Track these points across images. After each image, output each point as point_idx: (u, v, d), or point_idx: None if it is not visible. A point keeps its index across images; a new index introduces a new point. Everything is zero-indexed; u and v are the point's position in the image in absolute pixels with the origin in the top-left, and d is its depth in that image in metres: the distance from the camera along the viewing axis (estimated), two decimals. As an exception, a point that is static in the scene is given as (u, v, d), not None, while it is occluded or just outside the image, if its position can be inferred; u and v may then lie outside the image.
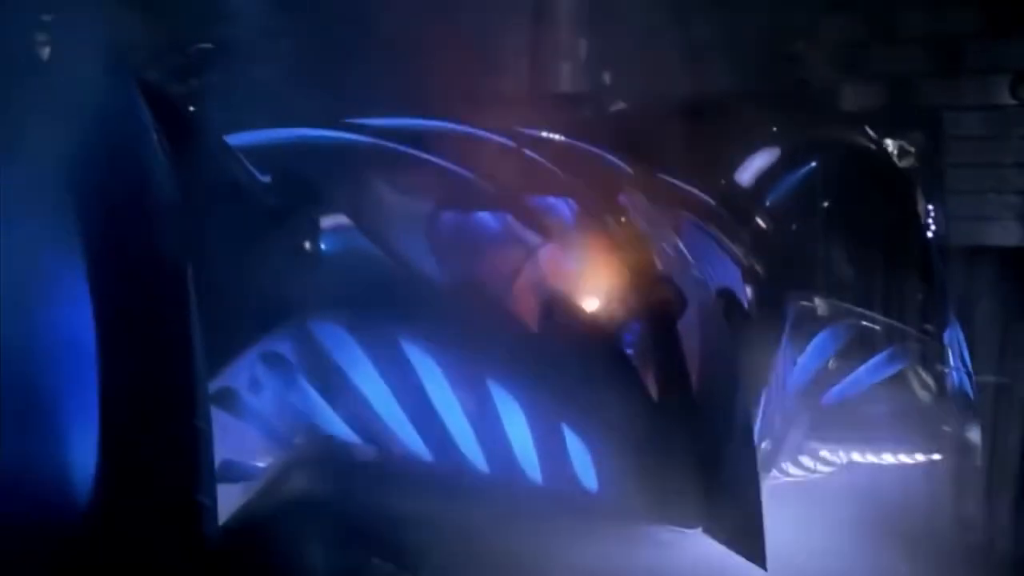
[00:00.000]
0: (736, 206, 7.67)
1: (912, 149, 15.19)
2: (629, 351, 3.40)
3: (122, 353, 2.93)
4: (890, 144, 15.17)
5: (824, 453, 5.03)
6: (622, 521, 3.26)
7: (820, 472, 5.05)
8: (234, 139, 4.18)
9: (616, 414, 3.24)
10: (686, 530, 3.31)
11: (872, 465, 5.58)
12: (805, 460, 4.88)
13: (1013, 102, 13.56)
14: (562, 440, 3.29)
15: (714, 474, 3.32)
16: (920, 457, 5.48)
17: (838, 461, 5.20)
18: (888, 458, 5.49)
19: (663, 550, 3.32)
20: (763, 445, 4.02)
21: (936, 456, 5.53)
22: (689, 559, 3.37)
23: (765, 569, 3.32)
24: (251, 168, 3.80)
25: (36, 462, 2.87)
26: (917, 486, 5.33)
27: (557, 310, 3.39)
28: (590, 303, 3.47)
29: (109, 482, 2.92)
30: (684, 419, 3.32)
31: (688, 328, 3.71)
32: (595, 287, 3.42)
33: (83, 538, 2.69)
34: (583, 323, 3.41)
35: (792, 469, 4.77)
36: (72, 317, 2.86)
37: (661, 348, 3.32)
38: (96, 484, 2.93)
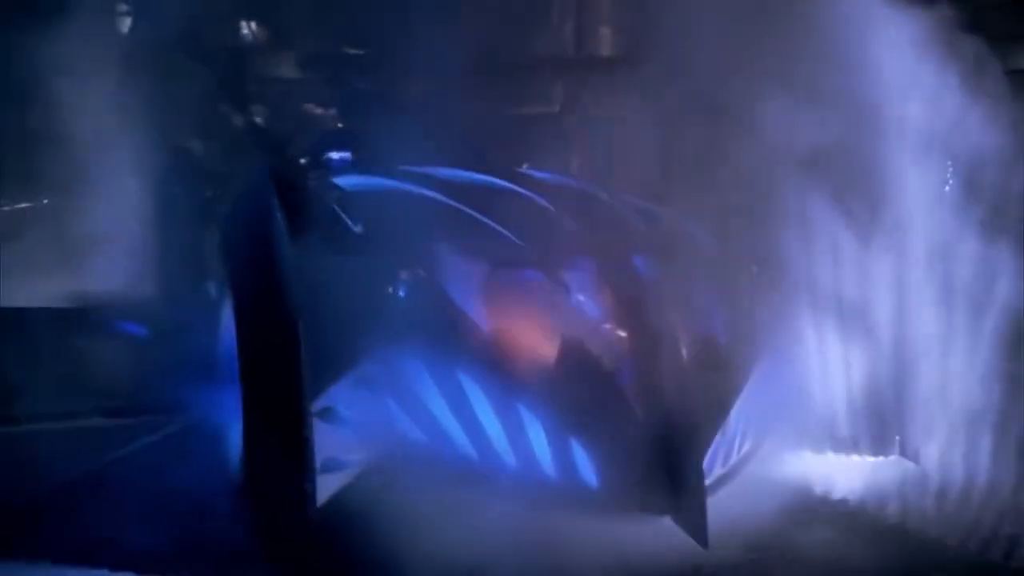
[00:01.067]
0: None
1: None
2: (620, 382, 4.33)
3: (252, 385, 4.17)
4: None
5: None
6: (613, 509, 4.18)
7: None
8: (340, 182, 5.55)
9: (610, 429, 4.18)
10: (658, 516, 4.23)
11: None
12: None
13: None
14: (570, 447, 4.22)
15: (677, 477, 4.22)
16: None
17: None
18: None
19: (638, 527, 4.24)
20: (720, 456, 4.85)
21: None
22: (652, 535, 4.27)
23: (706, 548, 4.16)
24: (349, 223, 4.79)
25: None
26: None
27: (567, 352, 4.26)
28: (591, 347, 4.37)
29: (249, 474, 4.11)
30: (659, 435, 4.22)
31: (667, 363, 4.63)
32: (595, 334, 4.38)
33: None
34: (586, 361, 4.30)
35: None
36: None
37: (645, 380, 4.23)
38: (243, 475, 4.04)
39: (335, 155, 8.91)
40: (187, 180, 9.19)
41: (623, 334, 4.51)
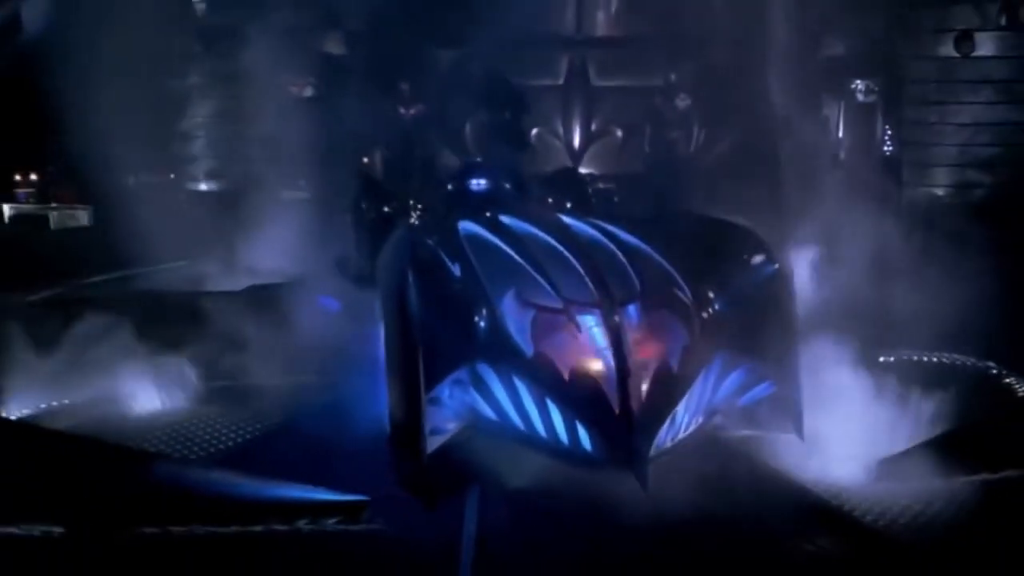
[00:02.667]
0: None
1: (876, 88, 16.90)
2: (602, 387, 5.91)
3: (391, 377, 6.32)
4: (859, 83, 16.79)
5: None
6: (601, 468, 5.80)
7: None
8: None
9: (596, 418, 5.81)
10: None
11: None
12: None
13: (956, 55, 15.35)
14: (575, 426, 5.87)
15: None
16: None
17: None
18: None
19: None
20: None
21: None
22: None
23: (646, 491, 5.47)
24: (451, 269, 6.70)
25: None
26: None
27: (573, 367, 5.97)
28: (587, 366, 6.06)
29: (391, 433, 6.22)
30: (626, 418, 5.78)
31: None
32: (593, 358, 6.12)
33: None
34: (584, 375, 5.95)
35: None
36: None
37: (623, 385, 5.86)
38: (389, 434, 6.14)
39: (474, 182, 9.41)
40: (373, 196, 10.29)
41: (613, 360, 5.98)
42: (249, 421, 7.44)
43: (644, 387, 6.08)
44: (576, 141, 16.59)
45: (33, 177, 12.65)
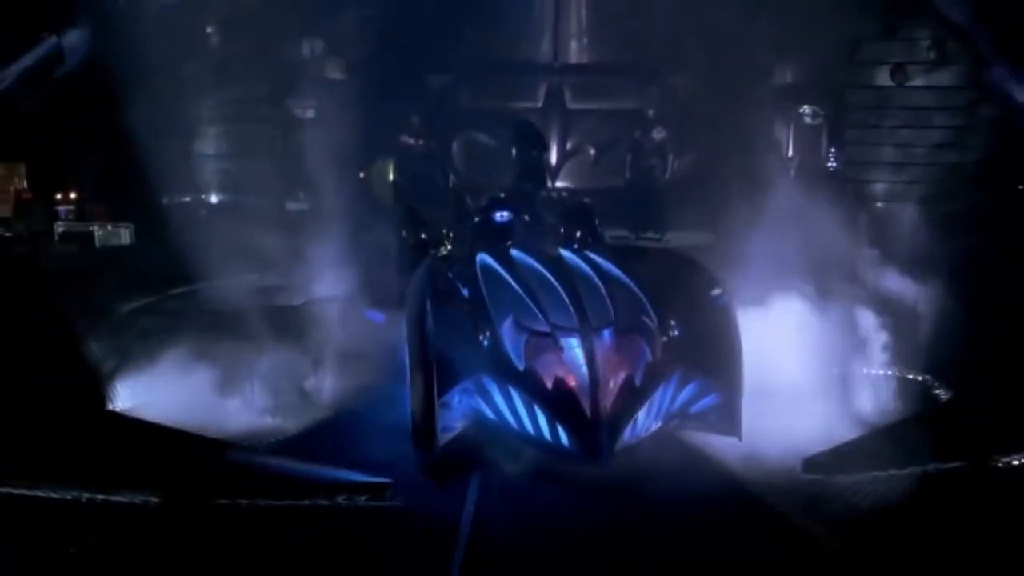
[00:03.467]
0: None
1: (822, 113, 17.70)
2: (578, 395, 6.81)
3: (412, 384, 7.24)
4: (807, 108, 17.53)
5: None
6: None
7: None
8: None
9: (572, 419, 6.70)
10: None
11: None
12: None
13: (892, 84, 16.39)
14: (556, 426, 6.77)
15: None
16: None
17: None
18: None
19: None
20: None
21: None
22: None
23: (605, 473, 6.49)
24: (463, 297, 7.81)
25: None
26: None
27: (553, 379, 6.91)
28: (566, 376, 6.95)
29: (411, 424, 7.20)
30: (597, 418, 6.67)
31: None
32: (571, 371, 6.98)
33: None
34: (563, 384, 6.89)
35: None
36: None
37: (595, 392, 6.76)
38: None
39: (498, 215, 9.81)
40: (412, 225, 10.98)
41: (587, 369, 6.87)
42: (306, 416, 8.35)
43: (612, 397, 6.91)
44: (553, 158, 17.28)
45: (73, 195, 12.81)
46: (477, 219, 10.18)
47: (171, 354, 8.48)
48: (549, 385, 6.99)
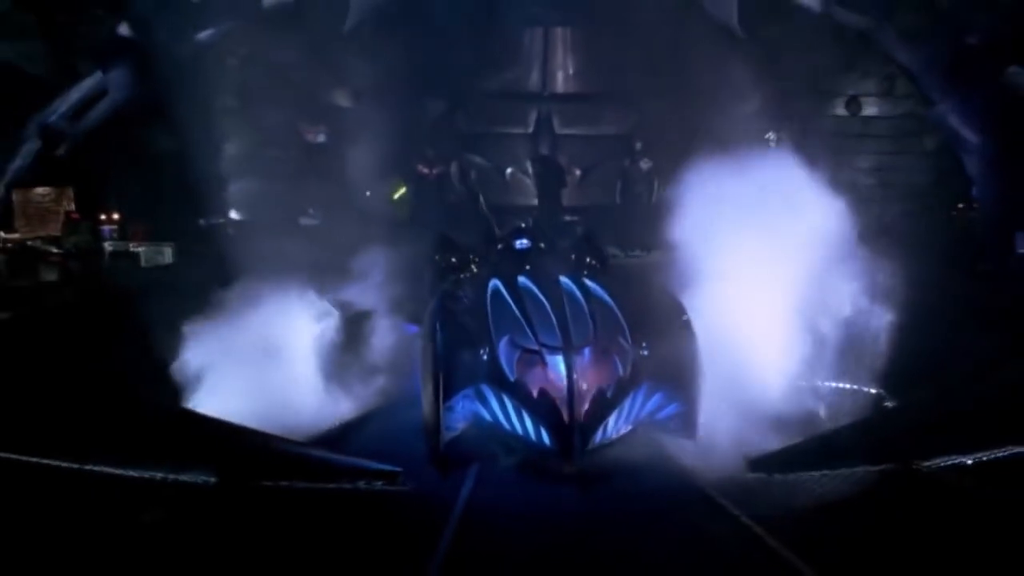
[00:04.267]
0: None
1: (784, 138, 18.17)
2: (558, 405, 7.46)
3: (424, 389, 8.13)
4: (772, 134, 18.14)
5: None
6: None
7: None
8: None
9: (554, 423, 7.41)
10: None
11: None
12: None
13: (847, 113, 17.27)
14: (540, 429, 7.50)
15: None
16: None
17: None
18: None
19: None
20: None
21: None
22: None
23: (579, 469, 7.24)
24: (468, 318, 8.63)
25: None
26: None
27: (539, 390, 7.61)
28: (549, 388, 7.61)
29: (423, 425, 8.09)
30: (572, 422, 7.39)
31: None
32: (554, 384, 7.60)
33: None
34: (546, 395, 7.55)
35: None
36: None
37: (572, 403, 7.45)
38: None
39: (518, 243, 10.54)
40: (445, 249, 11.55)
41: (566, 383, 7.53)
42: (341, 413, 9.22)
43: (586, 405, 7.56)
44: None
45: (116, 216, 13.27)
46: (500, 246, 10.89)
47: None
48: (535, 394, 7.70)
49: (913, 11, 15.46)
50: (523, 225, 11.33)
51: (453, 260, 11.18)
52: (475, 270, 10.92)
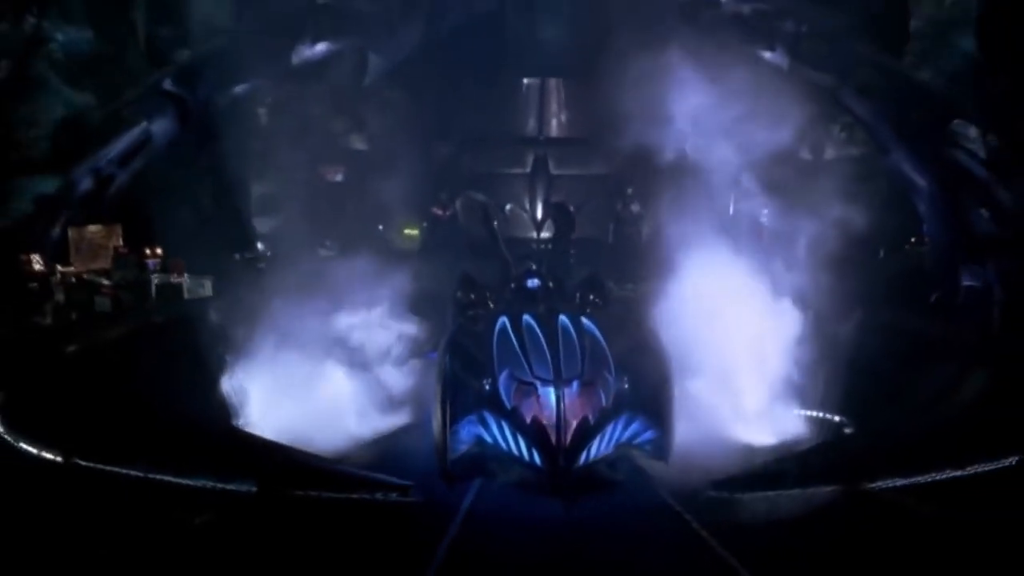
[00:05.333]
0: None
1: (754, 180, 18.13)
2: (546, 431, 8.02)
3: (434, 418, 8.82)
4: (744, 177, 18.15)
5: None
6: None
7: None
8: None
9: (544, 446, 8.04)
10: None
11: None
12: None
13: (811, 157, 17.90)
14: (532, 449, 8.08)
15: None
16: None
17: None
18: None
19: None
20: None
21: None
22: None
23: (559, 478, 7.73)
24: (475, 352, 9.13)
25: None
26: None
27: (532, 415, 8.19)
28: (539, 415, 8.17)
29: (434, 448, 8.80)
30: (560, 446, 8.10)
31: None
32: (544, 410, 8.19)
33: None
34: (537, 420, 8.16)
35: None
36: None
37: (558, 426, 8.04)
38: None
39: (529, 283, 11.05)
40: (466, 288, 11.73)
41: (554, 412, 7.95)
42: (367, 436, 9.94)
43: (571, 432, 8.01)
44: (539, 214, 18.91)
45: (159, 251, 13.54)
46: (513, 285, 11.35)
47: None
48: (528, 420, 8.22)
49: (869, 71, 16.13)
50: (534, 267, 11.78)
51: (473, 297, 11.47)
52: (491, 306, 11.19)
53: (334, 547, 7.29)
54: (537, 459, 8.08)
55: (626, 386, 8.78)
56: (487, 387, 8.64)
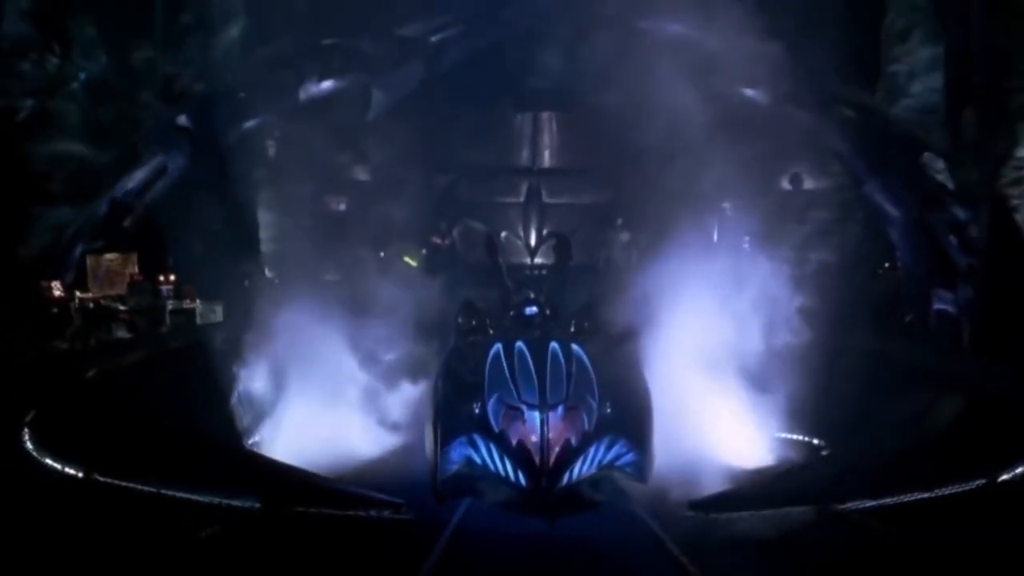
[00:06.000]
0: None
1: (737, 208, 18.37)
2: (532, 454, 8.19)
3: (427, 440, 9.12)
4: (727, 205, 18.53)
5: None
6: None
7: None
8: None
9: (529, 468, 8.18)
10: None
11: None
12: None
13: (790, 188, 18.26)
14: (517, 471, 8.21)
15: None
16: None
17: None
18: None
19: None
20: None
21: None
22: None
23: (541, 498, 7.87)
24: (468, 377, 9.33)
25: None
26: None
27: (520, 440, 8.30)
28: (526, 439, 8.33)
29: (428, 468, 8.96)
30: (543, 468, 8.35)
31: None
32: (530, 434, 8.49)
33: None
34: (524, 443, 8.35)
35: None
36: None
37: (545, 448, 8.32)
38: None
39: (527, 310, 11.14)
40: (466, 314, 11.58)
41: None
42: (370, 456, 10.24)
43: (555, 454, 8.11)
44: (532, 241, 19.22)
45: (172, 277, 13.83)
46: (512, 312, 11.46)
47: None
48: (514, 443, 8.31)
49: (844, 107, 16.55)
50: (532, 295, 11.96)
51: (474, 323, 11.56)
52: (491, 332, 11.24)
53: (329, 560, 7.50)
54: (522, 479, 8.23)
55: (608, 411, 8.86)
56: (477, 411, 8.75)
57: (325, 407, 10.65)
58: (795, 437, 10.46)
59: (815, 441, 10.45)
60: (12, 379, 10.38)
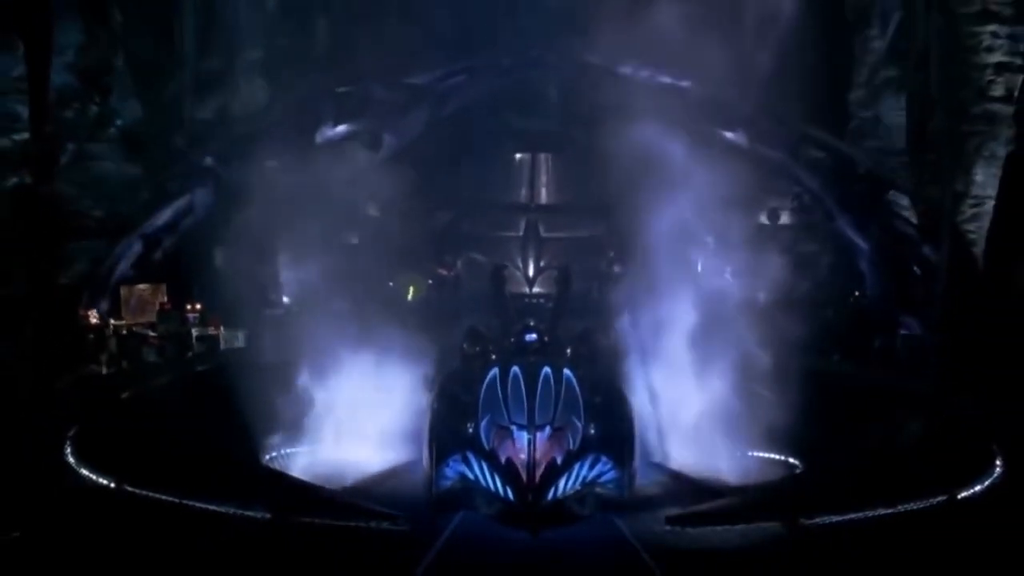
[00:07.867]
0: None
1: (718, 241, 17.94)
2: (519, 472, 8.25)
3: (424, 456, 9.16)
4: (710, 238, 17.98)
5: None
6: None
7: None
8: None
9: (517, 485, 8.23)
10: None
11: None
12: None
13: (768, 222, 18.25)
14: (506, 487, 8.30)
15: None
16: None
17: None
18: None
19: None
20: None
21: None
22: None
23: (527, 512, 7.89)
24: (463, 398, 9.40)
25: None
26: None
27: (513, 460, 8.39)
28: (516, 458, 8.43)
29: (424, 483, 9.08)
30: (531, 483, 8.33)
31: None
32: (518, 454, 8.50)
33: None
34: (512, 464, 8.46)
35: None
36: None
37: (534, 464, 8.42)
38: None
39: (526, 338, 11.03)
40: (471, 340, 11.84)
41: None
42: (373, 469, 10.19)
43: (541, 471, 8.18)
44: (531, 272, 19.08)
45: (198, 306, 13.93)
46: (513, 339, 11.43)
47: None
48: (504, 461, 8.44)
49: (815, 148, 16.58)
50: (532, 323, 11.96)
51: (477, 348, 11.58)
52: (493, 358, 11.19)
53: (332, 565, 7.58)
54: (510, 494, 8.28)
55: (593, 431, 8.91)
56: (471, 430, 8.86)
57: (336, 425, 10.66)
58: (766, 455, 10.34)
59: (787, 459, 10.29)
60: (55, 399, 10.60)
